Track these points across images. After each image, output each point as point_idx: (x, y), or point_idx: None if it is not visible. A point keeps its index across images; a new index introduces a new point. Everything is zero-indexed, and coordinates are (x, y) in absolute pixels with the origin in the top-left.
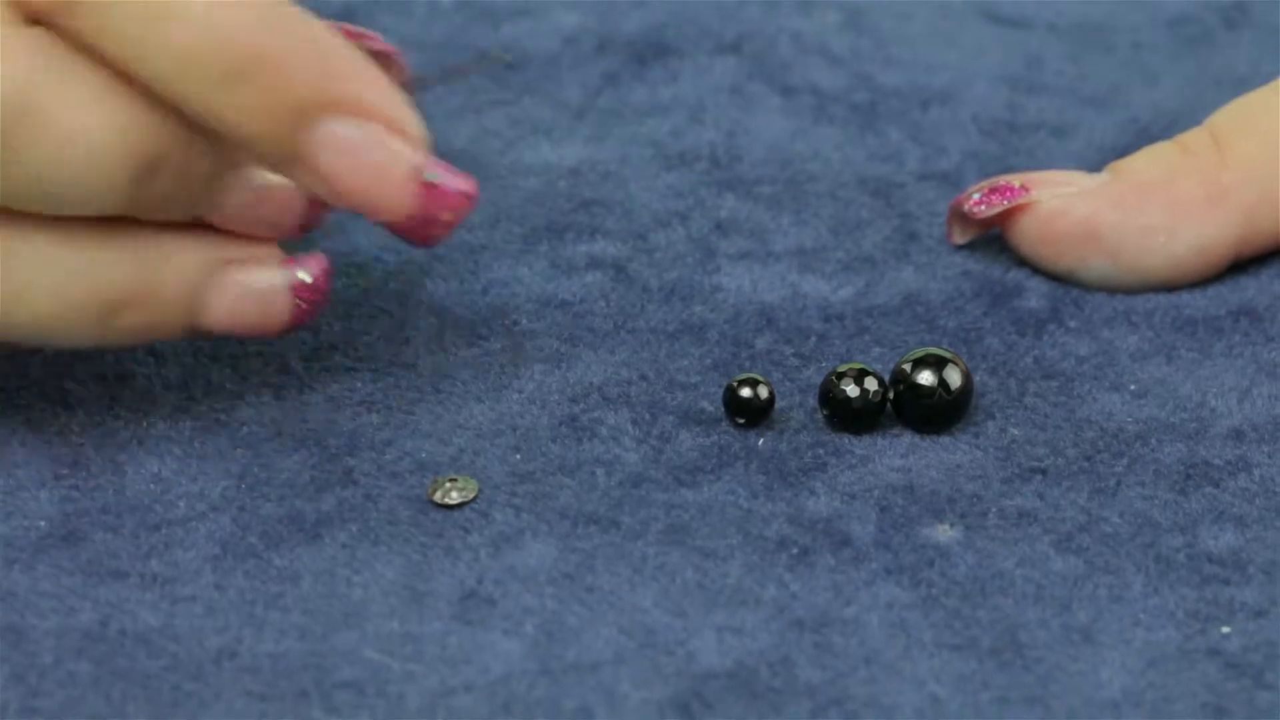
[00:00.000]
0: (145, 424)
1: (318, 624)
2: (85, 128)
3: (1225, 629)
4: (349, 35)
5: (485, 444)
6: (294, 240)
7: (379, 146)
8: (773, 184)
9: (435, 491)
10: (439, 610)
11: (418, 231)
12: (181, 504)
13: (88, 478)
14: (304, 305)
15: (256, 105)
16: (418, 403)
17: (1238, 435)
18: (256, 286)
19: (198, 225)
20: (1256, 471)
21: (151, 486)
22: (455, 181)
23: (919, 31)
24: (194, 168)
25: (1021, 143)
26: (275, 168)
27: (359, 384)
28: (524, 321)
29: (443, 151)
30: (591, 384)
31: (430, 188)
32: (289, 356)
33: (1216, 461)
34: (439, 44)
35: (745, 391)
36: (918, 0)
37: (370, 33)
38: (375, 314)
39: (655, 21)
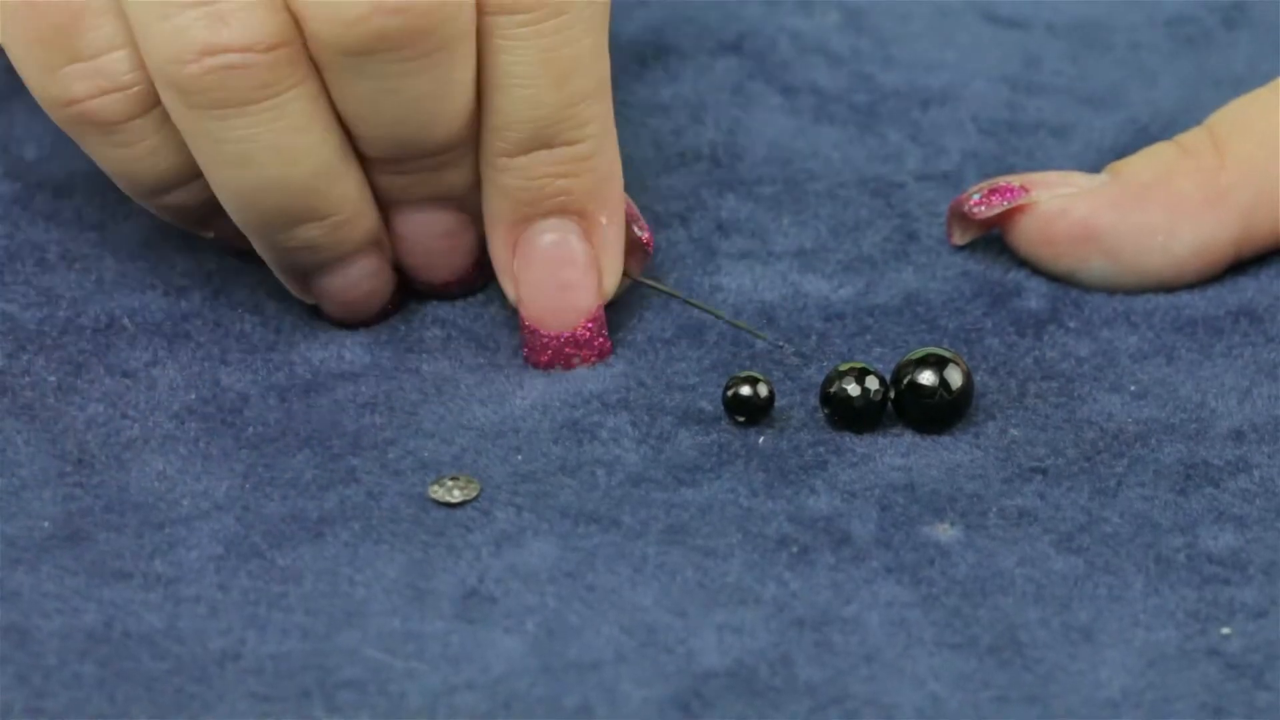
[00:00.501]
0: (150, 423)
1: (320, 623)
2: (284, 149)
3: (1225, 629)
4: (630, 212)
5: (487, 444)
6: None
7: (579, 269)
8: (773, 184)
9: (437, 489)
10: (441, 609)
11: (544, 351)
12: (185, 503)
13: (91, 476)
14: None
15: (545, 173)
16: (421, 405)
17: (1238, 436)
18: None
19: None
20: (1256, 472)
21: (156, 485)
22: (603, 338)
23: (919, 31)
24: (348, 234)
25: (1021, 143)
26: (491, 229)
27: (364, 387)
28: None
29: None
30: (592, 390)
31: (584, 331)
32: (295, 360)
33: (1216, 462)
34: None
35: (745, 390)
36: (917, 0)
37: (643, 221)
38: (380, 325)
39: (656, 21)
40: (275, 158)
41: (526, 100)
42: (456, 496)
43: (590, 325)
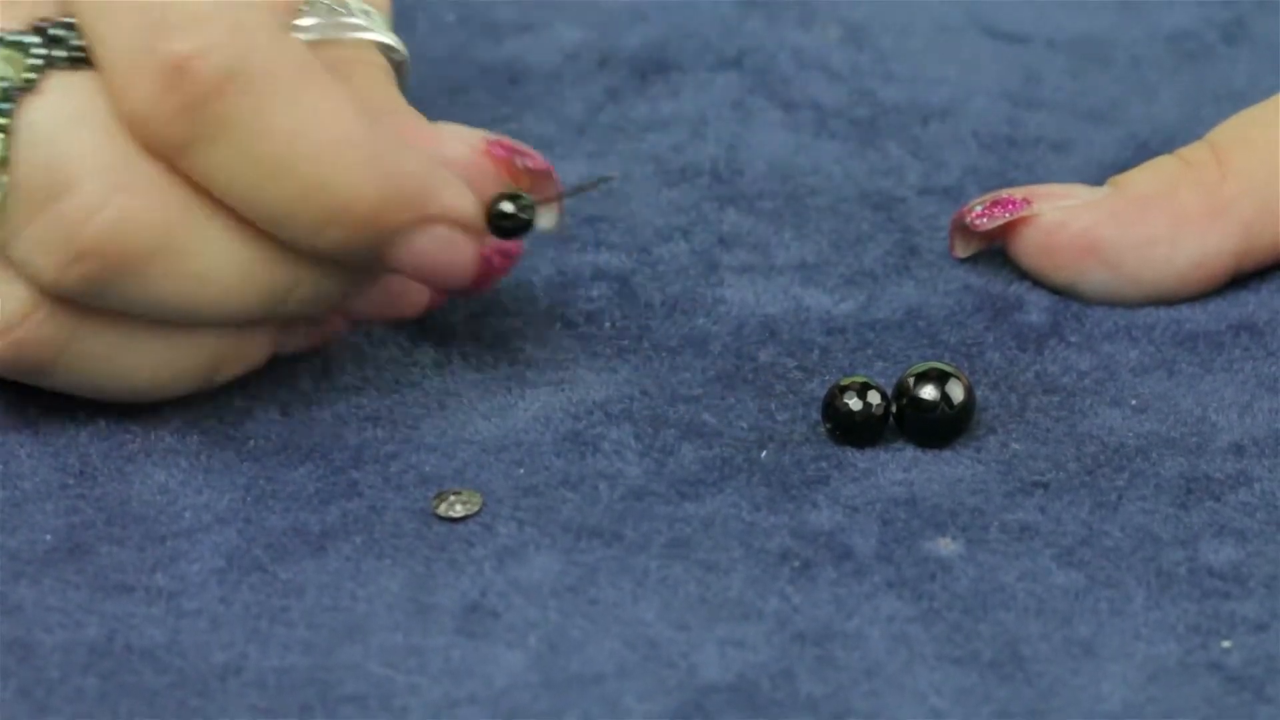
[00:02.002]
0: (152, 436)
1: (322, 638)
2: (215, 268)
3: (1226, 643)
4: (507, 150)
5: (489, 458)
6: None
7: (448, 246)
8: (774, 198)
9: (439, 505)
10: (443, 623)
11: (475, 289)
12: (188, 515)
13: (93, 488)
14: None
15: (348, 238)
16: (423, 419)
17: (1238, 450)
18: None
19: None
20: (1257, 486)
21: (158, 498)
22: (504, 247)
23: (919, 47)
24: (323, 287)
25: (1021, 158)
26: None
27: (365, 401)
28: (529, 343)
29: None
30: (595, 401)
31: (487, 263)
32: (297, 375)
33: (1217, 476)
34: (442, 59)
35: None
36: (918, 16)
37: (528, 150)
38: (383, 338)
39: (657, 37)
40: None
41: (256, 187)
42: (459, 511)
43: (486, 259)
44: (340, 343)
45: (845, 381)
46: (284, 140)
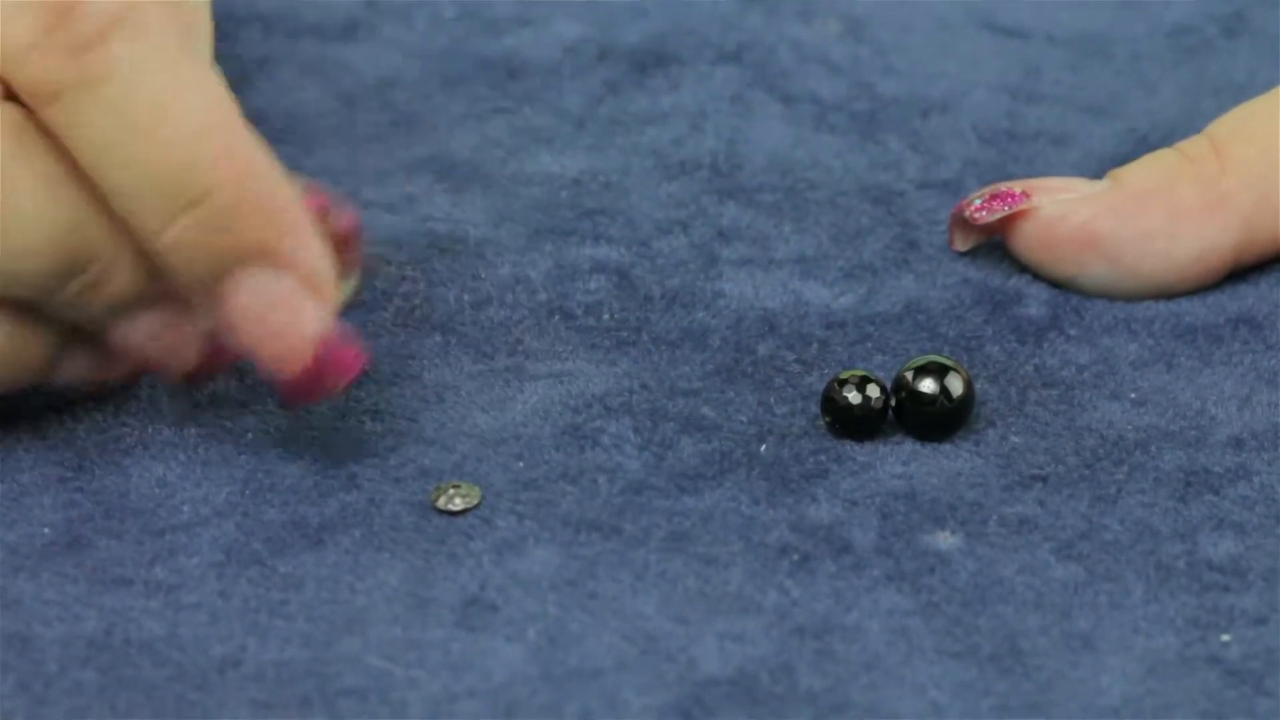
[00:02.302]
0: (150, 430)
1: (321, 631)
2: (27, 210)
3: (1225, 636)
4: (322, 205)
5: (488, 451)
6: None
7: (289, 303)
8: (774, 192)
9: (438, 498)
10: (441, 617)
11: (300, 391)
12: (186, 509)
13: (91, 482)
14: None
15: (197, 239)
16: (422, 412)
17: (1237, 443)
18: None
19: None
20: (1256, 479)
21: (156, 491)
22: (350, 351)
23: (919, 41)
24: (114, 282)
25: (1021, 151)
26: (189, 294)
27: (364, 394)
28: (528, 336)
29: (445, 159)
30: (594, 394)
31: (325, 353)
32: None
33: (1216, 469)
34: (441, 54)
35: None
36: (918, 10)
37: (341, 208)
38: (379, 331)
39: (656, 31)
40: None
41: (118, 146)
42: (458, 505)
43: (329, 346)
44: (121, 389)
45: (844, 375)
46: (158, 103)
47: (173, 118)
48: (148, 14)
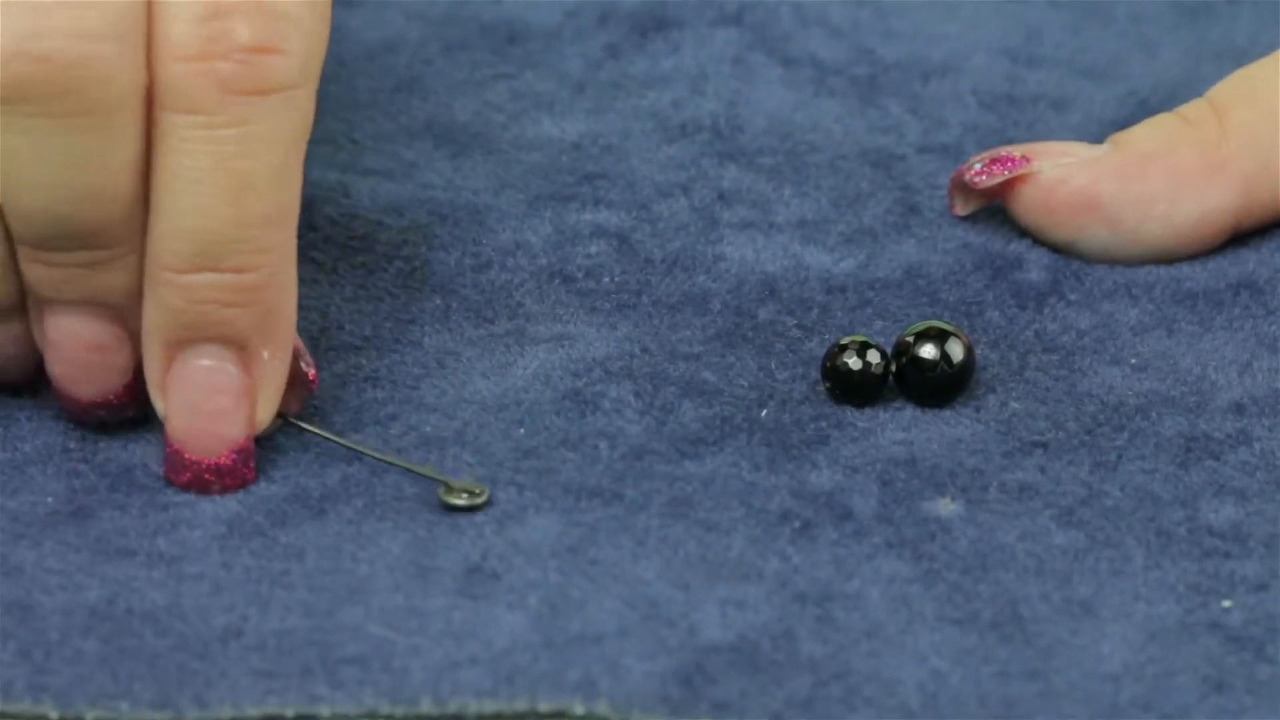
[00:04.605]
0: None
1: (323, 600)
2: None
3: (1226, 603)
4: (296, 345)
5: (490, 418)
6: None
7: (229, 398)
8: (774, 155)
9: (447, 495)
10: (443, 585)
11: (182, 474)
12: None
13: (95, 454)
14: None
15: (204, 297)
16: (423, 379)
17: (1238, 408)
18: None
19: None
20: (1257, 445)
21: (159, 464)
22: (246, 471)
23: (919, 4)
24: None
25: (1021, 115)
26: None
27: (364, 361)
28: (528, 299)
29: (445, 124)
30: (594, 358)
31: (229, 462)
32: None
33: (1217, 435)
34: (441, 18)
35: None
36: None
37: (309, 361)
38: (380, 295)
39: None
40: None
41: (195, 209)
42: (463, 500)
43: (235, 455)
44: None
45: (845, 340)
46: (258, 172)
47: (260, 194)
48: (308, 97)
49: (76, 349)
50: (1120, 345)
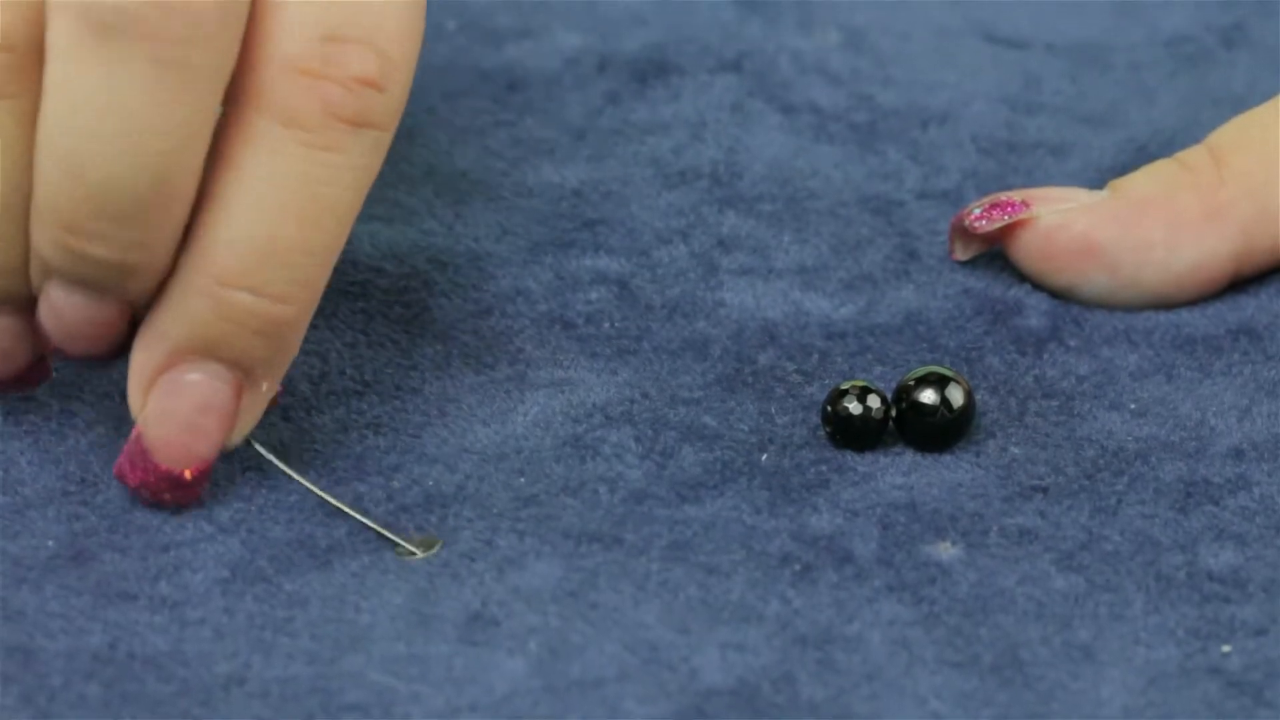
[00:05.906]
0: None
1: (325, 648)
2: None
3: (1226, 647)
4: None
5: (490, 469)
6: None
7: (212, 413)
8: (773, 202)
9: (401, 551)
10: (444, 632)
11: (137, 478)
12: (190, 526)
13: (96, 496)
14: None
15: (227, 314)
16: (424, 427)
17: (1238, 454)
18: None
19: None
20: (1256, 490)
21: (160, 507)
22: (199, 488)
23: (918, 51)
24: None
25: (1020, 162)
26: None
27: (366, 407)
28: (529, 345)
29: (446, 171)
30: (595, 403)
31: (191, 477)
32: (297, 380)
33: (1216, 480)
34: (442, 65)
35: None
36: (917, 21)
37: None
38: (381, 341)
39: (656, 40)
40: None
41: (266, 222)
42: (419, 554)
43: (197, 473)
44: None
45: (845, 385)
46: (321, 202)
47: (325, 226)
48: (388, 143)
49: (77, 322)
50: (1120, 390)
